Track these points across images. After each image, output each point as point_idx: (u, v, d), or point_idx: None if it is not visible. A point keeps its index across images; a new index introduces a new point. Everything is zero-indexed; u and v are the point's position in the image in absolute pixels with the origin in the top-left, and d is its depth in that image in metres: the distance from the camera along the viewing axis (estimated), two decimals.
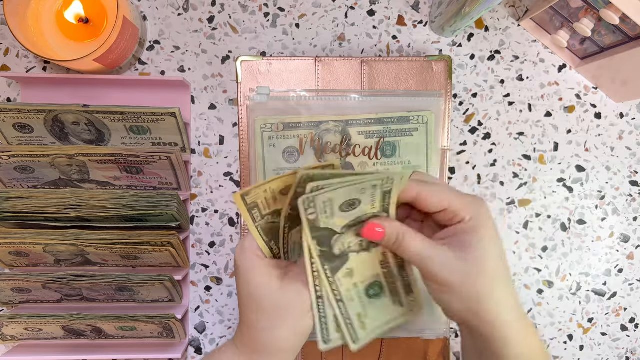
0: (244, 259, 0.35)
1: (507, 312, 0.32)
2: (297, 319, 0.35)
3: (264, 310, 0.34)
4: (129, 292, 0.49)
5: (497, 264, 0.32)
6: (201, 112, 0.53)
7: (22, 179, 0.48)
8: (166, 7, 0.52)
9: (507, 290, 0.32)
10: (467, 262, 0.31)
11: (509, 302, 0.32)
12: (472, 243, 0.31)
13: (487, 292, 0.31)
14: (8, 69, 0.53)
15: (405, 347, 0.49)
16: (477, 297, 0.31)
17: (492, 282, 0.31)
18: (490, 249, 0.32)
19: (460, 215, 0.32)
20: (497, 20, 0.53)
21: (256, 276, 0.34)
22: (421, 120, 0.47)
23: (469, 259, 0.31)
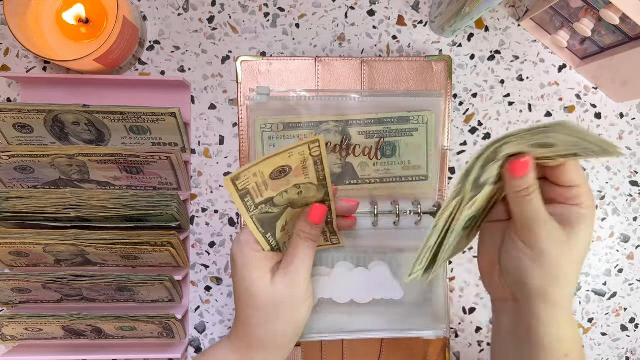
0: (240, 253, 0.35)
1: (569, 298, 0.33)
2: (291, 311, 0.36)
3: (259, 305, 0.35)
4: (129, 292, 0.49)
5: (584, 257, 0.33)
6: (201, 112, 0.53)
7: (22, 179, 0.48)
8: (166, 7, 0.52)
9: (576, 282, 0.34)
10: (568, 243, 0.32)
11: (572, 292, 0.33)
12: (580, 227, 0.32)
13: (569, 274, 0.33)
14: (8, 69, 0.53)
15: (405, 347, 0.49)
16: (559, 274, 0.32)
17: (575, 270, 0.33)
18: (587, 240, 0.33)
19: (581, 199, 0.33)
20: (497, 20, 0.53)
21: (252, 271, 0.35)
22: (421, 120, 0.47)
23: (571, 241, 0.32)
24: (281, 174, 0.35)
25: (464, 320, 0.54)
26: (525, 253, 0.33)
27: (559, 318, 0.33)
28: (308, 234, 0.37)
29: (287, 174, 0.35)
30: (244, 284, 0.35)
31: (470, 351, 0.54)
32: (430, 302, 0.47)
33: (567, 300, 0.33)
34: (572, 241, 0.32)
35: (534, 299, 0.33)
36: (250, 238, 0.36)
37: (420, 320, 0.47)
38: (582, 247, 0.33)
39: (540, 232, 0.32)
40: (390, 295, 0.46)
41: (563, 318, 0.33)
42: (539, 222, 0.32)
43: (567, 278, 0.33)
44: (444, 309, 0.47)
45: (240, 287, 0.36)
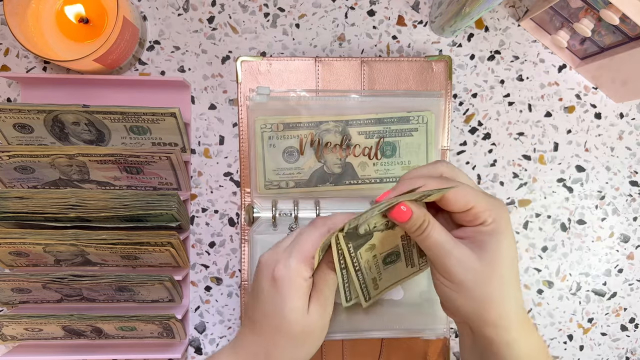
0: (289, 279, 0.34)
1: (512, 316, 0.32)
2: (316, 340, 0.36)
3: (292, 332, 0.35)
4: (129, 292, 0.49)
5: (511, 270, 0.32)
6: (201, 112, 0.53)
7: (22, 179, 0.48)
8: (166, 7, 0.52)
9: (514, 295, 0.32)
10: (483, 264, 0.31)
11: (514, 307, 0.32)
12: (491, 246, 0.32)
13: (496, 296, 0.32)
14: (8, 69, 0.53)
15: (405, 347, 0.49)
16: (485, 299, 0.32)
17: (502, 286, 0.32)
18: (507, 254, 0.32)
19: (482, 217, 0.32)
20: (497, 20, 0.53)
21: (294, 299, 0.34)
22: (421, 120, 0.47)
23: (485, 260, 0.31)
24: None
25: None
26: (447, 285, 0.33)
27: (510, 338, 0.32)
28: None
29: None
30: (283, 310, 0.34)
31: None
32: (430, 302, 0.47)
33: (513, 318, 0.32)
34: (487, 262, 0.31)
35: (477, 325, 0.33)
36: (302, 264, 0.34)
37: (420, 320, 0.47)
38: (502, 264, 0.31)
39: (449, 264, 0.32)
40: (390, 295, 0.46)
41: (515, 336, 0.32)
42: (444, 254, 0.32)
43: (499, 298, 0.32)
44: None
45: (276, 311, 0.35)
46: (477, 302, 0.32)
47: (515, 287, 0.33)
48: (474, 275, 0.31)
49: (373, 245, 0.36)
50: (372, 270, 0.38)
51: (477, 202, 0.32)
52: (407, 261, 0.40)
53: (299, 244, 0.35)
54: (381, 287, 0.40)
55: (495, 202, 0.33)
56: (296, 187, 0.47)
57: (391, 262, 0.39)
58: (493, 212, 0.32)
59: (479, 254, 0.31)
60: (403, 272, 0.41)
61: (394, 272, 0.40)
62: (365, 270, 0.38)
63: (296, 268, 0.34)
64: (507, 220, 0.33)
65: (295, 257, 0.35)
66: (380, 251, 0.37)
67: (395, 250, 0.38)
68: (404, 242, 0.38)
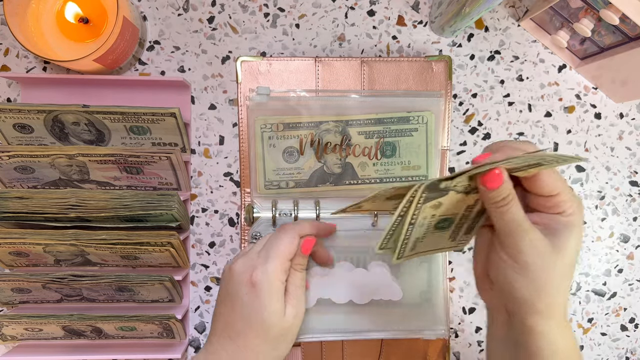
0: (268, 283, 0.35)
1: (558, 309, 0.32)
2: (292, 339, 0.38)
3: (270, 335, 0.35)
4: (129, 292, 0.49)
5: (573, 264, 0.32)
6: (201, 112, 0.53)
7: (22, 179, 0.48)
8: (166, 7, 0.52)
9: (566, 289, 0.33)
10: (553, 251, 0.31)
11: (562, 300, 0.33)
12: (564, 236, 0.32)
13: (554, 285, 0.32)
14: (8, 69, 0.53)
15: (405, 347, 0.49)
16: (542, 285, 0.32)
17: (562, 277, 0.32)
18: (574, 249, 0.32)
19: (563, 206, 0.32)
20: (497, 20, 0.53)
21: (273, 302, 0.35)
22: (421, 120, 0.47)
23: (556, 249, 0.31)
24: None
25: (464, 320, 0.54)
26: (510, 265, 0.32)
27: (551, 330, 0.32)
28: (302, 265, 0.39)
29: None
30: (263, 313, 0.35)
31: (470, 351, 0.54)
32: (430, 302, 0.47)
33: (559, 311, 0.32)
34: (556, 251, 0.31)
35: (523, 311, 0.33)
36: (279, 268, 0.36)
37: (419, 320, 0.47)
38: (568, 255, 0.32)
39: (521, 244, 0.31)
40: (390, 296, 0.46)
41: (556, 330, 0.32)
42: (519, 233, 0.32)
43: (555, 288, 0.32)
44: (443, 310, 0.47)
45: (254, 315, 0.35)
46: (534, 286, 0.32)
47: (569, 282, 0.33)
48: (541, 260, 0.31)
49: (439, 204, 0.35)
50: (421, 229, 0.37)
51: (563, 190, 0.32)
52: (453, 233, 0.38)
53: (272, 249, 0.36)
54: (417, 249, 0.39)
55: (578, 197, 0.33)
56: (296, 187, 0.47)
57: (441, 228, 0.38)
58: (574, 205, 0.32)
59: (552, 241, 0.32)
60: (442, 243, 0.39)
61: (436, 239, 0.39)
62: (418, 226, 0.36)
63: (274, 272, 0.35)
64: (582, 216, 0.33)
65: (272, 261, 0.36)
66: (441, 213, 0.36)
67: (452, 218, 0.37)
68: (465, 212, 0.37)
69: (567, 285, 0.33)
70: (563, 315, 0.33)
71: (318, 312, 0.46)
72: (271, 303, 0.35)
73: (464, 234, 0.39)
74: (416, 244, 0.38)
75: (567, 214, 0.32)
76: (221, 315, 0.38)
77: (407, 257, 0.39)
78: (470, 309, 0.54)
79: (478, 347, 0.54)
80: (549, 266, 0.31)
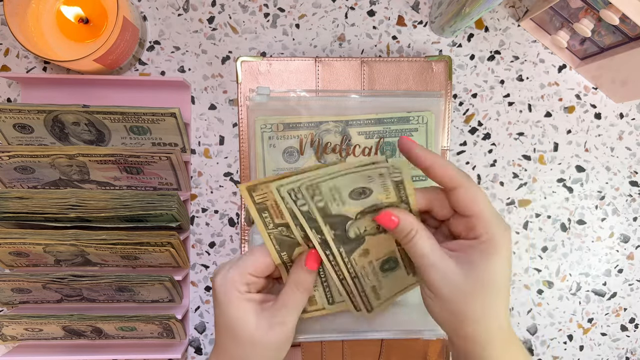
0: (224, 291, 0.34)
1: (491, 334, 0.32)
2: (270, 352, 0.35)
3: (239, 341, 0.34)
4: (129, 293, 0.49)
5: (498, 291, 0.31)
6: (201, 113, 0.53)
7: (22, 179, 0.48)
8: (166, 8, 0.52)
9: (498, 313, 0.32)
10: (467, 281, 0.31)
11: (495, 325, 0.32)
12: (480, 266, 0.31)
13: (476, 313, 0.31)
14: (8, 69, 0.53)
15: (405, 347, 0.49)
16: (461, 314, 0.31)
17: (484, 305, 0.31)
18: (496, 277, 0.31)
19: (478, 231, 0.31)
20: (497, 20, 0.53)
21: (233, 310, 0.34)
22: (421, 120, 0.47)
23: (471, 278, 0.31)
24: None
25: None
26: (428, 294, 0.32)
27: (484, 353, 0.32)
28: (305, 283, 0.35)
29: None
30: (225, 319, 0.34)
31: None
32: None
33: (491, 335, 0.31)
34: (471, 280, 0.30)
35: (450, 335, 0.33)
36: (236, 277, 0.34)
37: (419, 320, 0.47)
38: (487, 284, 0.30)
39: (432, 276, 0.31)
40: None
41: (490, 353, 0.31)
42: (428, 266, 0.31)
43: (477, 317, 0.31)
44: None
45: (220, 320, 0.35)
46: (453, 316, 0.31)
47: (499, 307, 0.32)
48: (454, 290, 0.31)
49: (367, 251, 0.36)
50: (370, 278, 0.37)
51: (482, 212, 0.31)
52: (407, 269, 0.38)
53: (240, 259, 0.35)
54: (383, 296, 0.39)
55: (502, 222, 0.32)
56: None
57: (390, 270, 0.38)
58: (492, 230, 0.31)
59: (466, 270, 0.31)
60: (405, 281, 0.39)
61: (395, 281, 0.39)
62: (363, 277, 0.37)
63: (231, 280, 0.34)
64: (504, 243, 0.31)
65: (233, 270, 0.34)
66: (376, 257, 0.37)
67: (392, 257, 0.37)
68: (400, 247, 0.37)
69: (496, 310, 0.31)
70: (502, 339, 0.32)
71: None
72: (230, 310, 0.34)
73: None
74: (377, 292, 0.38)
75: (483, 239, 0.31)
76: None
77: (381, 306, 0.39)
78: None
79: None
80: (464, 296, 0.31)
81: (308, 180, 0.31)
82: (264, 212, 0.34)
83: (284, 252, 0.35)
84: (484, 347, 0.32)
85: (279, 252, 0.35)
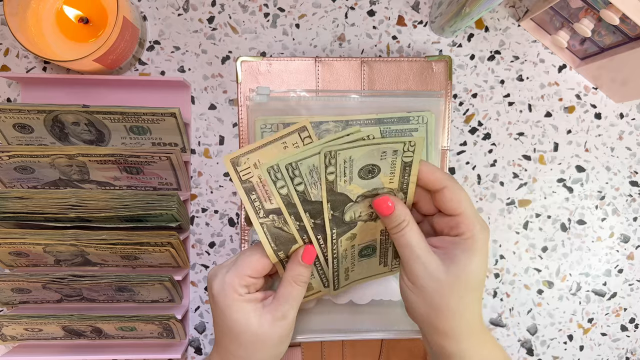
0: (223, 295, 0.34)
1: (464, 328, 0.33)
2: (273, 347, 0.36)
3: (241, 342, 0.35)
4: (129, 293, 0.49)
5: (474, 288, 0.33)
6: (201, 113, 0.53)
7: (22, 179, 0.48)
8: (166, 8, 0.52)
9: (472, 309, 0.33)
10: (448, 276, 0.32)
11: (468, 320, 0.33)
12: (461, 262, 0.32)
13: (452, 307, 0.32)
14: (8, 69, 0.53)
15: (405, 347, 0.49)
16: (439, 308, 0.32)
17: (460, 300, 0.32)
18: (474, 274, 0.32)
19: (462, 228, 0.33)
20: (497, 20, 0.53)
21: (233, 312, 0.34)
22: (421, 120, 0.47)
23: (452, 274, 0.32)
24: None
25: None
26: (410, 287, 0.33)
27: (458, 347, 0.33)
28: (302, 276, 0.36)
29: None
30: (226, 322, 0.35)
31: None
32: None
33: (463, 330, 0.33)
34: (453, 275, 0.32)
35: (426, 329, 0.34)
36: (234, 280, 0.34)
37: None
38: (466, 280, 0.32)
39: (416, 268, 0.32)
40: (390, 296, 0.46)
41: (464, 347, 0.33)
42: (413, 257, 0.33)
43: (455, 312, 0.32)
44: None
45: (221, 323, 0.35)
46: (432, 309, 0.33)
47: (475, 303, 0.33)
48: (435, 284, 0.32)
49: (354, 235, 0.37)
50: (347, 260, 0.38)
51: (465, 211, 0.33)
52: (381, 258, 0.40)
53: (237, 262, 0.35)
54: (351, 278, 0.41)
55: (482, 222, 0.34)
56: None
57: (366, 256, 0.39)
58: (474, 229, 0.33)
59: (448, 266, 0.32)
60: (374, 269, 0.41)
61: (367, 267, 0.40)
62: (342, 259, 0.38)
63: (230, 284, 0.34)
64: (484, 242, 0.33)
65: (230, 275, 0.35)
66: (359, 242, 0.38)
67: (373, 244, 0.39)
68: (382, 237, 0.38)
69: (471, 306, 0.33)
70: (474, 333, 0.33)
71: (318, 312, 0.46)
72: (232, 313, 0.34)
73: (393, 258, 0.40)
74: (347, 273, 0.40)
75: (465, 237, 0.33)
76: None
77: (345, 287, 0.41)
78: None
79: None
80: (443, 290, 0.32)
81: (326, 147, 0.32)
82: (252, 192, 0.33)
83: (281, 251, 0.36)
84: (460, 340, 0.33)
85: (276, 251, 0.35)
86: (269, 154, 0.34)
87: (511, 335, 0.54)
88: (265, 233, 0.35)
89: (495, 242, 0.54)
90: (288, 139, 0.34)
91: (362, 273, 0.41)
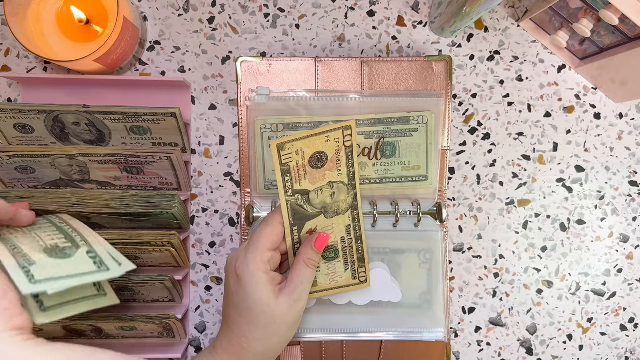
0: (249, 273, 0.37)
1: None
2: (288, 331, 0.38)
3: (259, 323, 0.36)
4: (129, 292, 0.49)
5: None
6: (201, 113, 0.53)
7: (23, 179, 0.48)
8: (166, 8, 0.53)
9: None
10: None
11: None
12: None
13: None
14: (9, 69, 0.53)
15: (404, 348, 0.49)
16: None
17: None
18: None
19: None
20: (496, 20, 0.53)
21: (257, 292, 0.36)
22: (421, 120, 0.47)
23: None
24: (319, 162, 0.38)
25: (464, 320, 0.54)
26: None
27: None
28: (313, 261, 0.39)
29: (324, 164, 0.39)
30: (248, 301, 0.36)
31: (470, 351, 0.54)
32: (430, 304, 0.47)
33: None
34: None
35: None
36: (257, 258, 0.37)
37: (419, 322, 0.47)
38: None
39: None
40: (389, 297, 0.46)
41: None
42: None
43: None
44: (443, 312, 0.47)
45: (242, 304, 0.37)
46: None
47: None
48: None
49: None
50: None
51: None
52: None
53: (252, 240, 0.38)
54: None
55: None
56: None
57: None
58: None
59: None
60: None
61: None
62: None
63: (253, 262, 0.37)
64: None
65: (252, 253, 0.37)
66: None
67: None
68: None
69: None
70: None
71: (318, 312, 0.46)
72: (255, 292, 0.36)
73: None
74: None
75: None
76: (223, 306, 0.40)
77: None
78: (470, 308, 0.54)
79: (478, 347, 0.54)
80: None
81: None
82: (287, 174, 0.38)
83: (295, 226, 0.40)
84: None
85: (292, 225, 0.39)
86: (312, 144, 0.37)
87: (511, 334, 0.54)
88: (288, 208, 0.39)
89: (495, 241, 0.54)
90: (332, 134, 0.37)
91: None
